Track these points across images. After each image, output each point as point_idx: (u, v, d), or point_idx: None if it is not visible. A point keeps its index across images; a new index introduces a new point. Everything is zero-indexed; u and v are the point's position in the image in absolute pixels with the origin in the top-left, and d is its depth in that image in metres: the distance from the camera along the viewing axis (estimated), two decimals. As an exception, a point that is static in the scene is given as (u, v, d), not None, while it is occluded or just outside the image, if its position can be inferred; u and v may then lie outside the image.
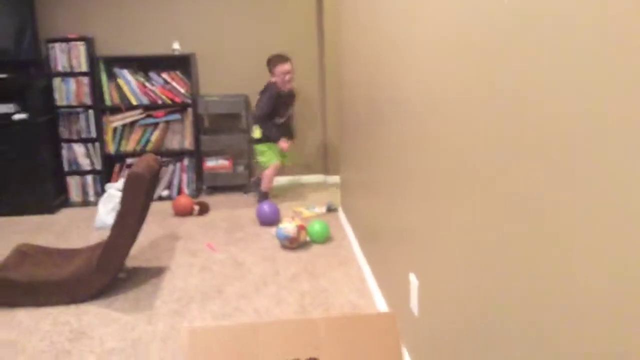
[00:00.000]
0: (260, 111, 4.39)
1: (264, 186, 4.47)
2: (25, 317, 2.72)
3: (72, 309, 2.78)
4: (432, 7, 1.64)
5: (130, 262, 3.33)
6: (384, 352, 0.98)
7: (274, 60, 4.36)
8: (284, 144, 4.39)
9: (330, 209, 4.29)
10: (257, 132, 4.44)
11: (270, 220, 3.96)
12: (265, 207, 4.00)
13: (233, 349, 0.95)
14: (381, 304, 2.63)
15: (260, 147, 4.50)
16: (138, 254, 3.48)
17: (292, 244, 3.47)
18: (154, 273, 3.21)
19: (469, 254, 1.44)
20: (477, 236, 1.37)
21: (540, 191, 1.03)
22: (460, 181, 1.48)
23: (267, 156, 4.48)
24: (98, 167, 4.72)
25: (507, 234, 1.19)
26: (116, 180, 4.68)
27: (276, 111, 4.41)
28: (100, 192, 4.69)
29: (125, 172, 4.76)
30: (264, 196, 4.45)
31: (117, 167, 4.81)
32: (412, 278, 1.99)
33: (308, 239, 3.60)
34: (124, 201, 2.76)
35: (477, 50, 1.31)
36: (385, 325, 1.01)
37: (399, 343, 0.99)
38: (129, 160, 4.79)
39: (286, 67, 4.32)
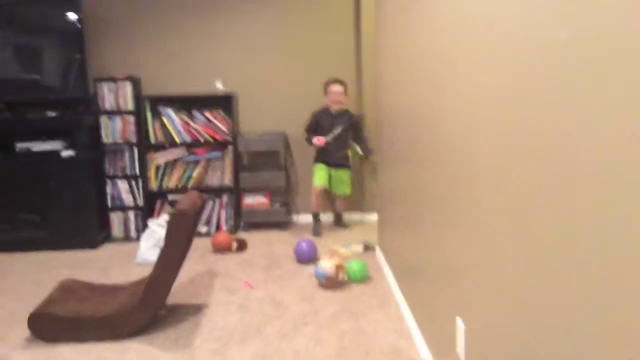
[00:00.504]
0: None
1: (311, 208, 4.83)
2: (68, 352, 2.75)
3: (115, 346, 2.81)
4: (480, 43, 1.65)
5: (170, 298, 3.36)
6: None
7: (328, 81, 4.67)
8: (317, 140, 4.62)
9: (367, 247, 4.26)
10: None
11: (308, 258, 3.96)
12: (304, 244, 4.01)
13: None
14: (423, 347, 2.57)
15: None
16: (177, 291, 3.51)
17: (331, 283, 3.45)
18: (193, 310, 3.23)
19: (521, 298, 1.40)
20: (531, 279, 1.34)
21: (597, 230, 1.01)
22: (512, 220, 1.45)
23: (315, 176, 4.73)
24: (140, 203, 4.82)
25: (562, 276, 1.16)
26: (158, 216, 4.77)
27: (321, 128, 4.67)
28: (141, 228, 4.78)
29: (167, 208, 4.85)
30: (314, 217, 4.80)
31: (158, 203, 4.90)
32: (459, 322, 1.95)
33: (346, 278, 3.57)
34: (169, 238, 2.80)
35: (527, 89, 1.31)
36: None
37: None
38: (170, 197, 4.88)
39: (335, 87, 4.60)
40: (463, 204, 1.87)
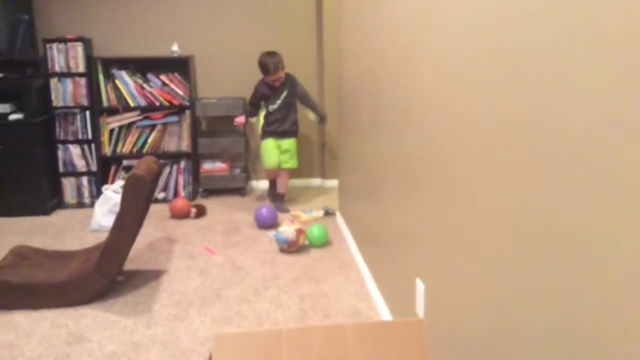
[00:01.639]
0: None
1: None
2: (22, 319, 2.68)
3: (70, 312, 2.75)
4: (443, 11, 1.64)
5: (128, 265, 3.30)
6: (412, 359, 0.97)
7: (262, 70, 4.32)
8: (239, 118, 4.54)
9: (328, 213, 4.28)
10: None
11: (268, 224, 3.95)
12: (264, 210, 3.99)
13: (260, 355, 0.93)
14: (383, 309, 2.62)
15: None
16: (135, 257, 3.45)
17: (291, 247, 3.45)
18: (152, 276, 3.18)
19: (478, 258, 1.43)
20: (487, 240, 1.36)
21: (552, 195, 1.03)
22: (468, 184, 1.47)
23: (264, 157, 4.47)
24: (93, 168, 4.67)
25: (518, 238, 1.18)
26: (112, 182, 4.64)
27: (266, 98, 4.42)
28: (95, 194, 4.66)
29: (121, 173, 4.73)
30: (270, 184, 4.64)
31: (112, 168, 4.77)
32: (419, 283, 1.98)
33: (307, 242, 3.58)
34: (124, 203, 2.73)
35: (488, 53, 1.31)
36: (413, 332, 0.99)
37: (426, 350, 0.98)
38: (125, 162, 4.75)
39: (270, 77, 4.29)
40: (424, 171, 1.88)
